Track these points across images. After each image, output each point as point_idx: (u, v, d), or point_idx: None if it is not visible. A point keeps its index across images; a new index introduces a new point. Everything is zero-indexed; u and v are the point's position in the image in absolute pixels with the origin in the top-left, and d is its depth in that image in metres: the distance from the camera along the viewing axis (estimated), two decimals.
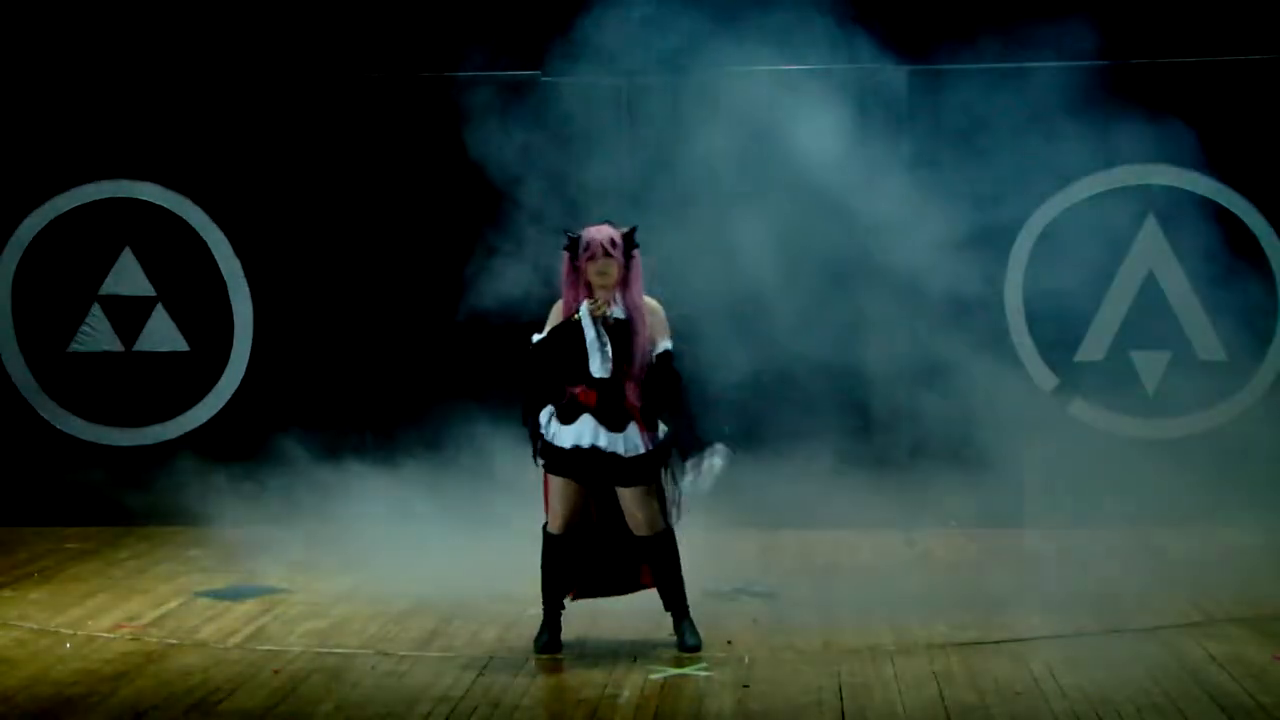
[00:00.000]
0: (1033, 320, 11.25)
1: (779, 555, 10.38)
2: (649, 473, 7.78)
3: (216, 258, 11.57)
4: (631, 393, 7.75)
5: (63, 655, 8.00)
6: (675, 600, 7.96)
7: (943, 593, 9.12)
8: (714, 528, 11.03)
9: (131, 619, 8.76)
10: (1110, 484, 10.68)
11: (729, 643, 8.06)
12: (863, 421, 10.97)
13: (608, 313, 7.70)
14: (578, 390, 7.74)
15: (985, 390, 10.94)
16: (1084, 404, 11.25)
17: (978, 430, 10.91)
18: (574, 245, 7.75)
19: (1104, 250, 11.10)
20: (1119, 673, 7.44)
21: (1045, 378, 11.27)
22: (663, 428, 7.86)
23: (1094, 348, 11.24)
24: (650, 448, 7.76)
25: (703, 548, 10.52)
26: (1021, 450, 10.82)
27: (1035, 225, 11.22)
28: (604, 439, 7.70)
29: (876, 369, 11.03)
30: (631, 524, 7.84)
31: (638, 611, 8.53)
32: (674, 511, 7.89)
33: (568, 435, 7.74)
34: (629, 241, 7.76)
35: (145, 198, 11.58)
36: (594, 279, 7.70)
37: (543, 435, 7.81)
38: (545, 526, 7.96)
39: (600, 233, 7.72)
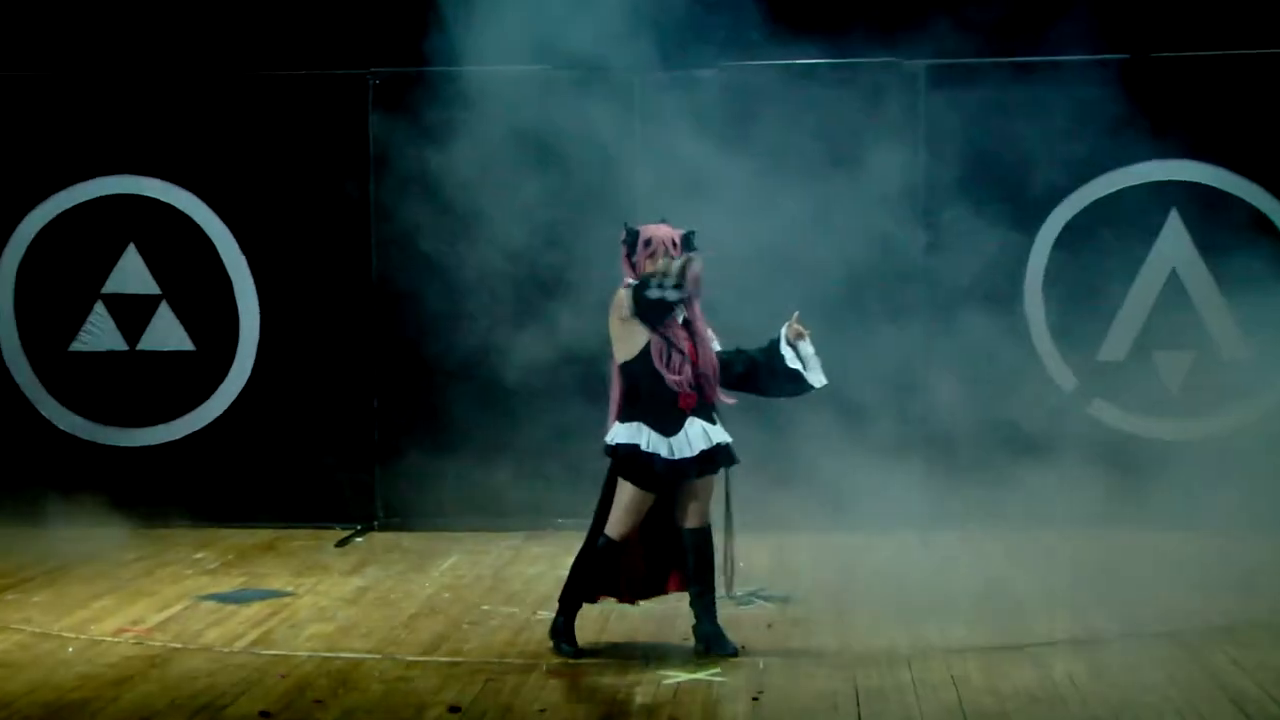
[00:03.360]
0: (1053, 320, 11.22)
1: (794, 558, 10.38)
2: (734, 456, 7.95)
3: (222, 255, 11.58)
4: (714, 386, 7.91)
5: (65, 659, 8.01)
6: (707, 598, 7.97)
7: (961, 596, 9.09)
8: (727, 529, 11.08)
9: (135, 622, 8.77)
10: (1131, 486, 10.66)
11: (742, 647, 8.04)
12: (878, 422, 10.94)
13: (675, 314, 7.84)
14: (680, 398, 7.82)
15: (1004, 390, 10.92)
16: (1105, 404, 11.23)
17: (996, 431, 10.90)
18: (632, 239, 7.87)
19: (1126, 247, 11.08)
20: (1141, 677, 7.43)
21: (1065, 377, 11.25)
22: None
23: (1116, 347, 11.22)
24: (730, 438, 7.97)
25: (715, 550, 10.53)
26: (1041, 451, 10.81)
27: (1055, 223, 11.19)
28: (715, 434, 7.87)
29: (892, 367, 11.01)
30: (689, 515, 7.91)
31: (650, 615, 8.53)
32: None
33: (682, 443, 7.80)
34: (687, 245, 7.87)
35: (149, 194, 11.58)
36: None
37: (645, 454, 7.78)
38: (603, 533, 7.91)
39: (663, 231, 7.88)
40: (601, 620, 8.40)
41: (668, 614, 8.46)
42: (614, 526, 7.88)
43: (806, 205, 10.85)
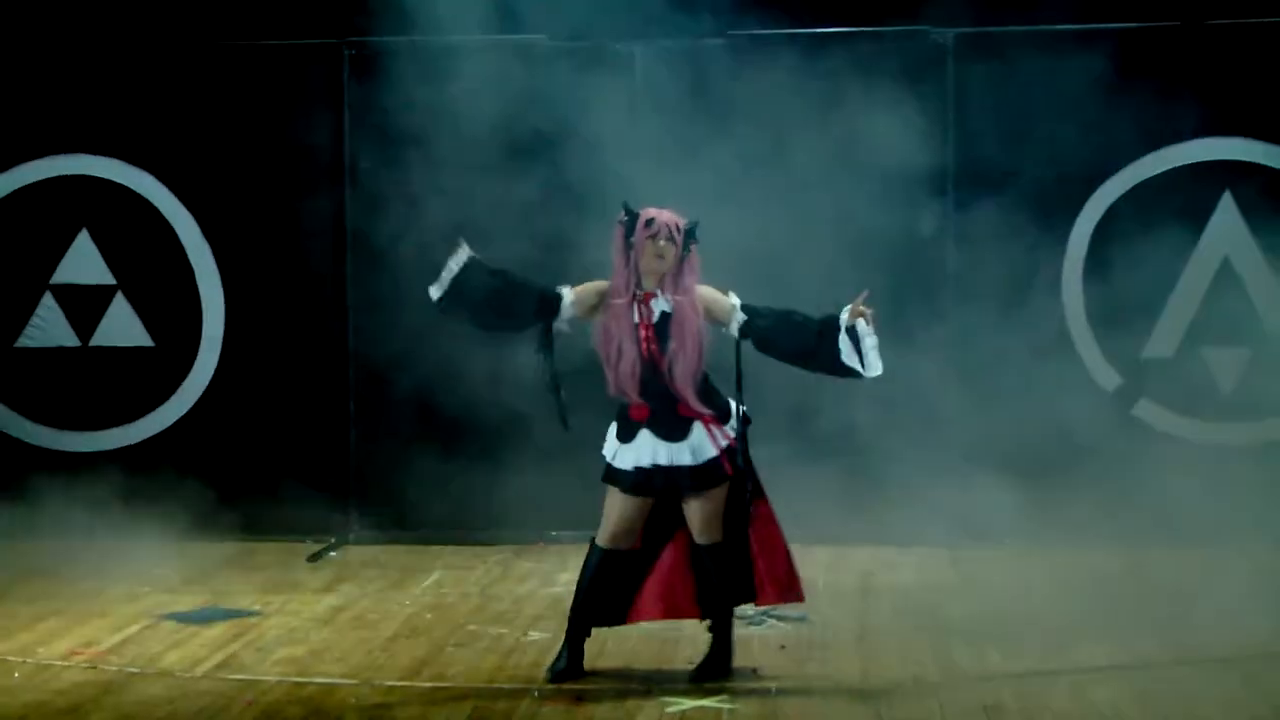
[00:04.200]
0: (1093, 313, 11.20)
1: (811, 573, 10.34)
2: (718, 476, 7.86)
3: (183, 241, 11.56)
4: (687, 396, 7.82)
5: (10, 686, 7.98)
6: (723, 620, 7.98)
7: (994, 617, 9.07)
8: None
9: (88, 645, 8.74)
10: (1181, 495, 10.63)
11: (754, 671, 8.04)
12: (902, 426, 10.92)
13: (652, 305, 7.83)
14: (630, 406, 7.87)
15: (1040, 391, 10.91)
16: (1151, 406, 11.21)
17: (1031, 436, 10.88)
18: (631, 220, 7.88)
19: (1174, 234, 11.06)
20: (1192, 708, 7.41)
21: (1107, 376, 11.23)
22: (736, 412, 7.94)
23: (1162, 343, 11.20)
24: (725, 444, 7.87)
25: None
26: (1081, 458, 10.79)
27: (1096, 206, 11.17)
28: (664, 455, 7.82)
29: (916, 364, 10.98)
30: (696, 532, 7.90)
31: (652, 636, 8.52)
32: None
33: (628, 455, 7.87)
34: (689, 234, 7.90)
35: (104, 175, 11.57)
36: (650, 261, 7.82)
37: (606, 454, 7.94)
38: (594, 539, 8.01)
39: (666, 214, 7.89)
40: (599, 642, 8.37)
41: (670, 636, 8.45)
42: (601, 532, 7.95)
43: (822, 188, 10.85)
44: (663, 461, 7.81)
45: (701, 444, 7.85)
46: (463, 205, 11.14)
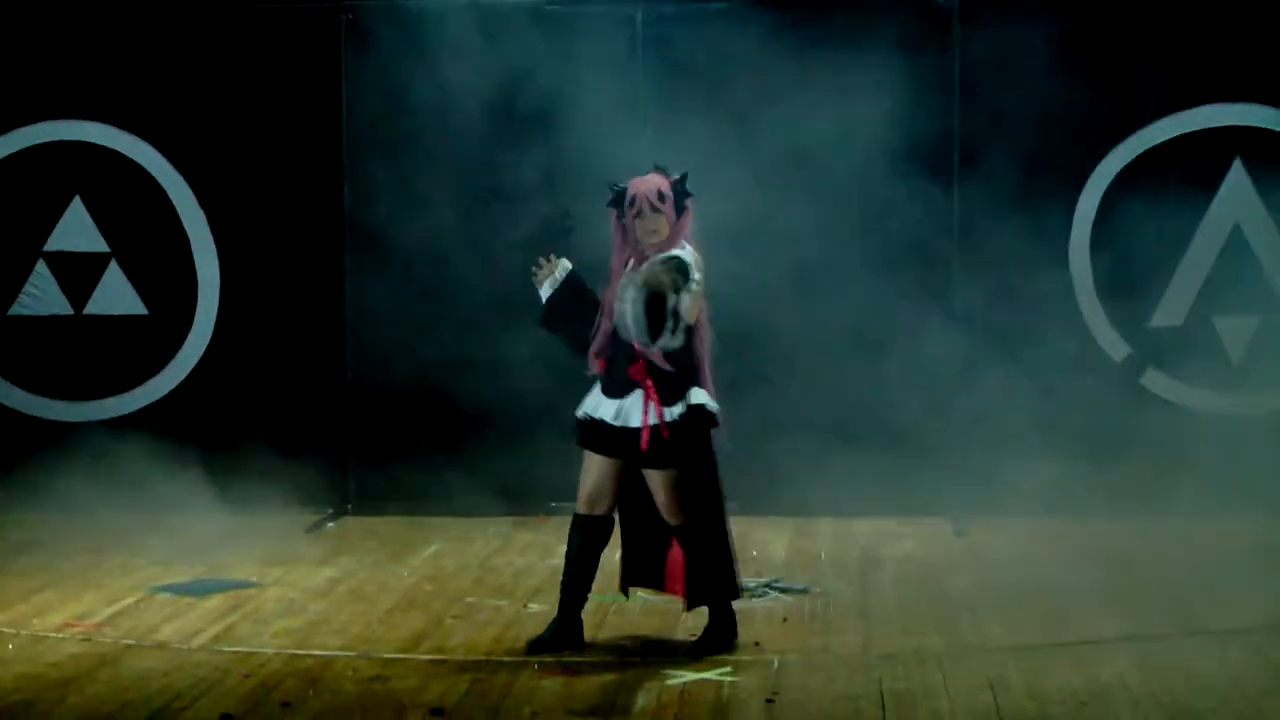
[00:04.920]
0: (1101, 281, 11.21)
1: (812, 546, 10.39)
2: (666, 455, 7.75)
3: (178, 209, 11.56)
4: (648, 356, 7.63)
5: (4, 658, 7.99)
6: (701, 598, 7.97)
7: (998, 589, 9.12)
8: (739, 515, 11.10)
9: (82, 617, 8.76)
10: (1188, 466, 10.66)
11: (756, 644, 8.06)
12: (905, 395, 10.94)
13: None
14: (592, 358, 7.85)
15: (1046, 361, 10.93)
16: (1159, 375, 11.22)
17: (1038, 406, 10.90)
18: (619, 200, 7.77)
19: (1183, 200, 11.06)
20: (1198, 680, 7.43)
21: (1115, 346, 11.24)
22: (693, 401, 7.76)
23: (1171, 312, 11.21)
24: (655, 422, 7.68)
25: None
26: (1088, 428, 10.81)
27: (1104, 173, 11.17)
28: (608, 410, 7.75)
29: (920, 335, 11.01)
30: (660, 510, 7.89)
31: (653, 609, 8.55)
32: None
33: (586, 405, 7.86)
34: (680, 193, 7.78)
35: (97, 140, 11.57)
36: (643, 236, 7.71)
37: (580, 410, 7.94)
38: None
39: (646, 184, 7.72)
40: (599, 614, 8.41)
41: (672, 608, 8.47)
42: (578, 497, 7.96)
43: (823, 154, 10.84)
44: (595, 414, 7.78)
45: (631, 409, 7.72)
46: (464, 171, 11.16)
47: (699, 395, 7.78)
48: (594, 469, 7.89)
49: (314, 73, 11.43)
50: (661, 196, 7.70)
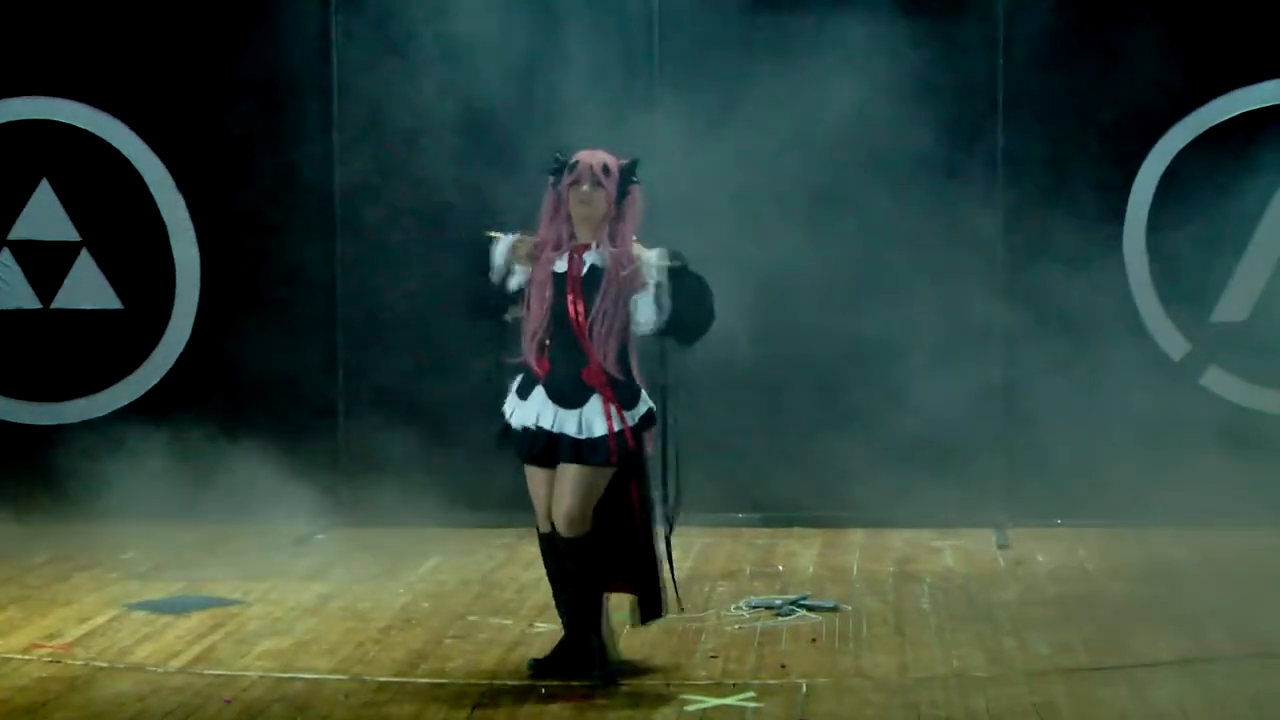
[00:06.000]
0: (1158, 273, 11.20)
1: (844, 559, 10.39)
2: (598, 456, 7.72)
3: (154, 194, 11.58)
4: (600, 360, 7.68)
5: None
6: (577, 618, 7.90)
7: (1044, 605, 9.12)
8: (763, 526, 11.11)
9: (51, 637, 8.78)
10: (1253, 472, 10.65)
11: (782, 666, 8.06)
12: (945, 393, 10.93)
13: (584, 258, 7.70)
14: (532, 359, 7.79)
15: (1099, 358, 10.93)
16: (1221, 374, 11.21)
17: (1089, 408, 10.90)
18: (559, 168, 7.79)
19: (1248, 184, 11.05)
20: (1265, 707, 7.41)
21: (1173, 343, 11.23)
22: (644, 405, 7.80)
23: (1234, 306, 11.20)
24: (619, 428, 7.70)
25: (750, 549, 10.57)
26: (1144, 430, 10.80)
27: (1162, 154, 11.16)
28: (550, 418, 7.74)
29: (961, 329, 11.01)
30: (555, 516, 7.79)
31: (670, 629, 8.55)
32: (657, 512, 7.93)
33: (520, 414, 7.82)
34: (626, 175, 7.79)
35: (66, 119, 11.59)
36: (575, 209, 7.73)
37: (506, 417, 7.90)
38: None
39: (593, 156, 7.76)
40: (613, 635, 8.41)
41: (691, 627, 8.47)
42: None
43: (857, 134, 10.84)
44: (546, 424, 7.72)
45: (593, 418, 7.71)
46: (460, 149, 11.15)
47: (646, 399, 7.84)
48: (543, 482, 7.86)
49: (302, 47, 11.43)
50: (606, 170, 7.74)
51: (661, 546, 7.96)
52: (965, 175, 11.08)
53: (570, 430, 7.71)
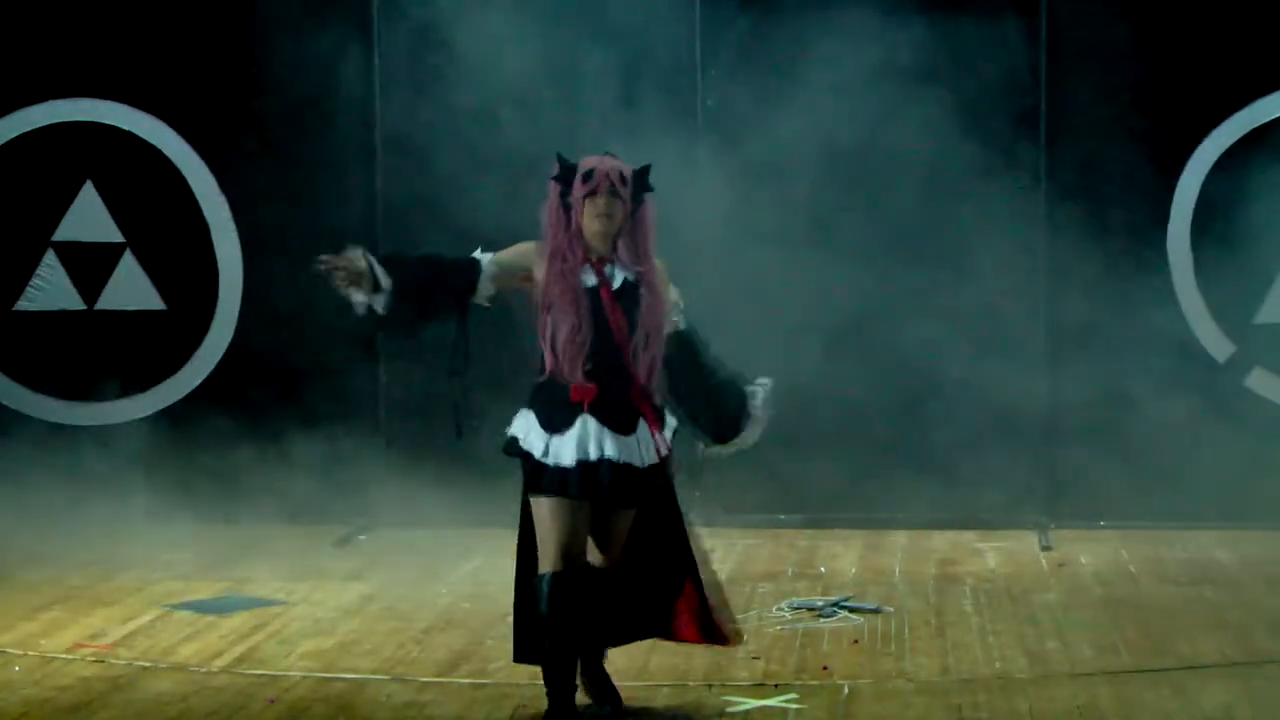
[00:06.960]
0: (1203, 273, 11.16)
1: (886, 560, 10.37)
2: (653, 486, 7.22)
3: (197, 195, 11.61)
4: (646, 381, 7.17)
5: (11, 680, 8.04)
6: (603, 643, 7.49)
7: (1088, 608, 9.10)
8: (804, 527, 11.09)
9: (94, 637, 8.81)
10: None
11: (825, 668, 8.05)
12: (988, 397, 10.90)
13: (610, 273, 7.16)
14: (571, 387, 7.15)
15: (1143, 360, 10.89)
16: (1267, 376, 11.17)
17: (1134, 409, 10.86)
18: (567, 175, 7.18)
19: None
20: None
21: (1218, 344, 11.19)
22: (672, 422, 7.32)
23: (1278, 308, 11.16)
24: (665, 452, 7.22)
25: (792, 550, 10.56)
26: (1188, 433, 10.77)
27: (1207, 154, 11.12)
28: (611, 448, 7.11)
29: (1001, 329, 10.98)
30: (599, 549, 7.23)
31: None
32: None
33: (568, 448, 7.13)
34: (641, 183, 7.23)
35: (109, 121, 11.63)
36: (591, 223, 7.13)
37: (524, 450, 7.29)
38: (532, 573, 7.23)
39: (607, 163, 7.15)
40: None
41: (732, 630, 8.45)
42: (541, 553, 7.17)
43: (898, 125, 10.83)
44: (610, 454, 7.08)
45: (648, 443, 7.16)
46: (503, 151, 11.14)
47: (670, 415, 7.37)
48: (569, 516, 7.10)
49: (343, 45, 11.44)
50: (624, 179, 7.15)
51: (710, 572, 7.45)
52: (1009, 177, 11.05)
53: (635, 461, 7.14)
